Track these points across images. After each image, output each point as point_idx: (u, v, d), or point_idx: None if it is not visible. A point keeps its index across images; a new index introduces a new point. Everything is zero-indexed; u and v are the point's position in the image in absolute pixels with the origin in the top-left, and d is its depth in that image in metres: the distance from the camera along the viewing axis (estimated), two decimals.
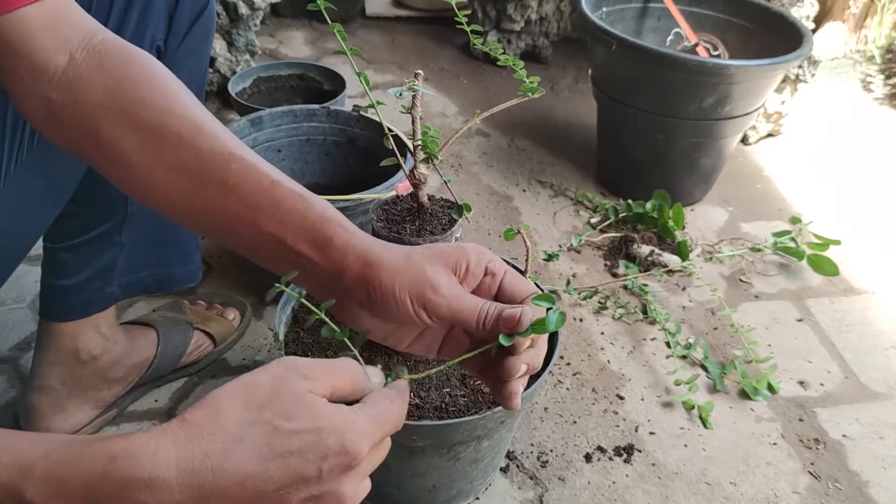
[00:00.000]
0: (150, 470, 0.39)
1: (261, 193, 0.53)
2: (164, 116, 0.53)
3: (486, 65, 2.20)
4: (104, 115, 0.53)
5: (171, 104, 0.54)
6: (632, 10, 1.72)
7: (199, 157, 0.53)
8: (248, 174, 0.53)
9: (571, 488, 1.00)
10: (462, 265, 0.54)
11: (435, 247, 0.55)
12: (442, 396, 0.81)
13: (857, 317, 1.36)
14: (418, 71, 0.74)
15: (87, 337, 0.97)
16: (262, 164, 0.54)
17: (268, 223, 0.53)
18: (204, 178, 0.53)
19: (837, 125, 2.00)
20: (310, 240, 0.53)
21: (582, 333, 1.27)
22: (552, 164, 1.75)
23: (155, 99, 0.54)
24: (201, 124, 0.54)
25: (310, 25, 2.38)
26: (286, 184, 0.54)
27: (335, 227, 0.53)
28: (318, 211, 0.53)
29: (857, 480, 1.04)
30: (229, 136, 0.55)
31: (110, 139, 0.54)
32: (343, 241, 0.53)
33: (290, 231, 0.53)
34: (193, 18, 0.81)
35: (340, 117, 1.35)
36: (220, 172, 0.53)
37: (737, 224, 1.60)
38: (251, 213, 0.53)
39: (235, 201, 0.53)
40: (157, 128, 0.53)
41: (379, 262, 0.52)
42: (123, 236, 0.93)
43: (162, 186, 0.55)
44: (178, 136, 0.53)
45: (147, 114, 0.53)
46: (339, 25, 0.68)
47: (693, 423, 1.12)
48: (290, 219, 0.53)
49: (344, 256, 0.53)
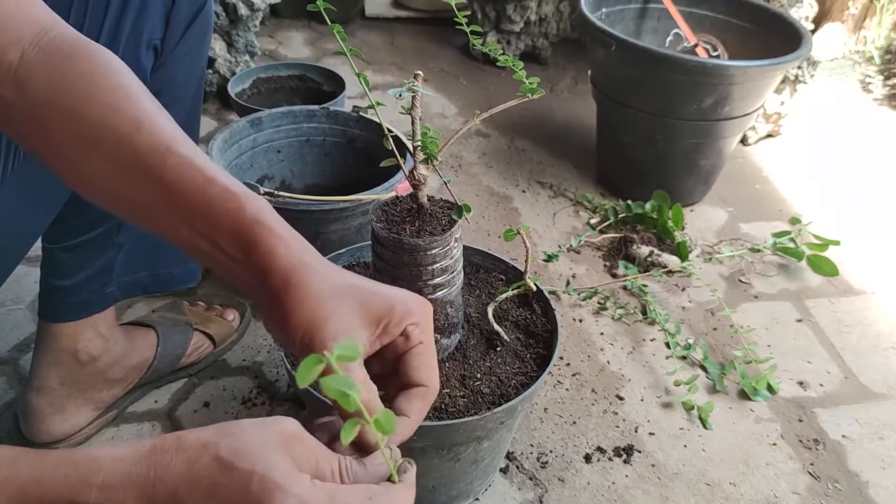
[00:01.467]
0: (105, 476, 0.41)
1: (194, 192, 0.51)
2: (105, 112, 0.52)
3: (485, 65, 2.20)
4: (49, 112, 0.53)
5: (113, 99, 0.53)
6: (631, 11, 1.72)
7: (137, 153, 0.52)
8: (183, 171, 0.51)
9: (571, 489, 1.00)
10: (383, 322, 0.50)
11: (368, 291, 0.51)
12: (441, 397, 0.81)
13: (857, 317, 1.36)
14: (418, 72, 0.74)
15: (86, 338, 0.97)
16: (199, 161, 0.52)
17: (200, 223, 0.51)
18: (141, 175, 0.52)
19: (837, 126, 2.00)
20: (238, 244, 0.51)
21: (581, 334, 1.27)
22: (552, 164, 1.75)
23: (98, 94, 0.53)
24: (141, 119, 0.53)
25: (309, 26, 2.38)
26: (221, 182, 0.51)
27: (264, 232, 0.50)
28: (250, 214, 0.51)
29: (856, 481, 1.04)
30: (170, 131, 0.53)
31: (54, 135, 0.53)
32: (268, 251, 0.50)
33: (221, 233, 0.51)
34: (191, 18, 0.81)
35: (340, 118, 1.35)
36: (156, 170, 0.51)
37: (736, 224, 1.60)
38: (186, 211, 0.51)
39: (170, 199, 0.52)
40: (97, 125, 0.52)
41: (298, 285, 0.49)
42: (122, 237, 0.93)
43: (102, 183, 0.54)
44: (116, 132, 0.52)
45: (88, 110, 0.52)
46: (338, 26, 0.68)
47: (693, 424, 1.12)
48: (222, 220, 0.51)
49: (267, 266, 0.50)
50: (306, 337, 0.48)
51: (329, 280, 0.50)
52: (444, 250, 0.77)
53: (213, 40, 1.79)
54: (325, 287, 0.49)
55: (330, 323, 0.48)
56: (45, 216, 0.83)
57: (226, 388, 1.12)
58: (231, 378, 1.14)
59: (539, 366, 0.86)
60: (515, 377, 0.85)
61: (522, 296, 0.95)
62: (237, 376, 1.14)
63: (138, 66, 0.78)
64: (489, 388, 0.83)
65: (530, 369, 0.86)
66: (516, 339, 0.90)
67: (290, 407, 1.10)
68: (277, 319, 0.50)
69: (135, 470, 0.42)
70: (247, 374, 1.15)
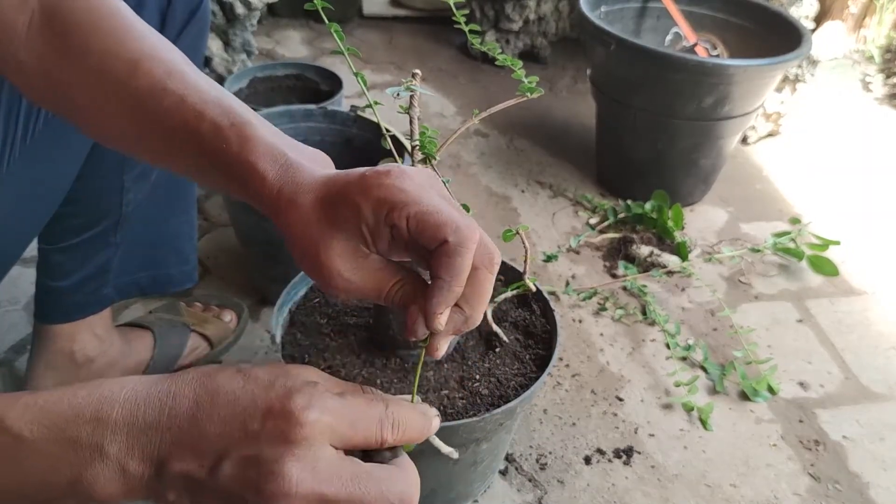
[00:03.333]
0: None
1: (188, 133, 0.51)
2: (104, 60, 0.53)
3: (484, 65, 2.20)
4: (59, 66, 0.54)
5: (109, 43, 0.53)
6: (630, 10, 1.72)
7: (137, 97, 0.53)
8: (178, 112, 0.52)
9: (571, 491, 1.00)
10: (362, 228, 0.47)
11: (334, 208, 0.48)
12: (440, 399, 0.80)
13: (858, 318, 1.35)
14: (416, 71, 0.74)
15: (82, 339, 0.96)
16: (190, 97, 0.52)
17: (200, 161, 0.52)
18: (143, 117, 0.53)
19: (837, 125, 2.00)
20: (236, 180, 0.51)
21: (581, 335, 1.26)
22: (551, 164, 1.74)
23: (97, 43, 0.53)
24: (138, 61, 0.53)
25: (307, 25, 2.37)
26: (208, 116, 0.51)
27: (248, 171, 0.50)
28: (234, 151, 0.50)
29: (857, 482, 1.04)
30: (166, 68, 0.53)
31: (67, 88, 0.54)
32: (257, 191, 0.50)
33: (217, 170, 0.51)
34: (187, 18, 0.81)
35: (337, 118, 1.34)
36: (157, 114, 0.52)
37: (736, 224, 1.59)
38: (187, 151, 0.52)
39: (172, 141, 0.53)
40: (98, 73, 0.53)
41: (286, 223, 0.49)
42: (118, 237, 0.92)
43: (114, 130, 0.56)
44: (116, 78, 0.53)
45: (91, 60, 0.53)
46: (336, 25, 0.67)
47: (693, 425, 1.11)
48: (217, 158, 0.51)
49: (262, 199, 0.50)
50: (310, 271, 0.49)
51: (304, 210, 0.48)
52: None
53: (210, 39, 1.78)
54: (302, 223, 0.48)
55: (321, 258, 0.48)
56: (41, 216, 0.82)
57: None
58: None
59: (538, 367, 0.86)
60: (514, 378, 0.84)
61: (521, 296, 0.95)
62: None
63: None
64: (488, 390, 0.82)
65: (529, 370, 0.85)
66: (515, 340, 0.89)
67: None
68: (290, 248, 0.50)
69: (156, 387, 0.43)
70: None
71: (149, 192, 0.93)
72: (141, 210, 0.93)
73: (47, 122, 0.72)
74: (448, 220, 0.46)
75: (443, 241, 0.46)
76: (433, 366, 0.84)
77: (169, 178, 0.96)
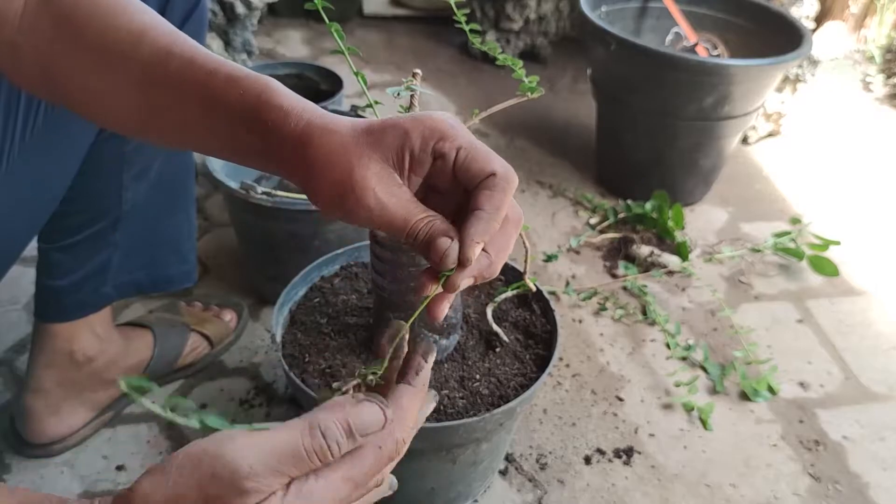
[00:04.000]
0: None
1: (199, 90, 0.51)
2: (105, 34, 0.52)
3: (484, 64, 2.19)
4: (57, 47, 0.53)
5: (110, 18, 0.53)
6: (631, 10, 1.71)
7: (143, 66, 0.52)
8: (186, 72, 0.51)
9: (571, 490, 1.00)
10: (406, 153, 0.47)
11: (378, 129, 0.48)
12: (440, 398, 0.80)
13: (858, 318, 1.35)
14: (416, 70, 0.74)
15: (82, 338, 0.96)
16: (200, 57, 0.51)
17: (213, 118, 0.51)
18: (150, 86, 0.52)
19: (837, 125, 2.00)
20: (253, 131, 0.50)
21: (581, 335, 1.26)
22: (551, 164, 1.74)
23: (96, 18, 0.53)
24: (142, 30, 0.52)
25: (307, 25, 2.37)
26: (223, 71, 0.51)
27: (271, 113, 0.49)
28: (254, 96, 0.49)
29: (857, 482, 1.04)
30: (168, 34, 0.53)
31: (66, 70, 0.54)
32: (280, 133, 0.49)
33: (233, 123, 0.50)
34: (185, 16, 0.81)
35: None
36: (163, 78, 0.51)
37: (737, 224, 1.59)
38: (198, 110, 0.51)
39: (182, 102, 0.52)
40: (100, 48, 0.53)
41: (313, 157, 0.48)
42: (118, 236, 0.92)
43: (119, 106, 0.54)
44: (119, 51, 0.52)
45: (90, 36, 0.53)
46: (336, 25, 0.67)
47: (693, 425, 1.11)
48: (232, 110, 0.50)
49: (283, 150, 0.49)
50: (339, 202, 0.47)
51: (340, 135, 0.48)
52: None
53: (211, 39, 1.78)
54: (335, 145, 0.47)
55: (353, 176, 0.46)
56: (41, 215, 0.82)
57: (223, 389, 1.12)
58: (228, 379, 1.13)
59: (538, 367, 0.86)
60: (514, 378, 0.84)
61: (522, 296, 0.95)
62: (234, 377, 1.14)
63: None
64: (488, 390, 0.82)
65: (529, 370, 0.85)
66: (515, 339, 0.89)
67: (287, 408, 1.09)
68: (313, 196, 0.49)
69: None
70: (244, 375, 1.14)
71: (148, 191, 0.93)
72: (140, 209, 0.93)
73: (46, 120, 0.72)
74: (496, 159, 0.48)
75: (490, 173, 0.47)
76: (433, 365, 0.84)
77: (168, 177, 0.96)
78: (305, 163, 0.48)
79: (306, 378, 0.81)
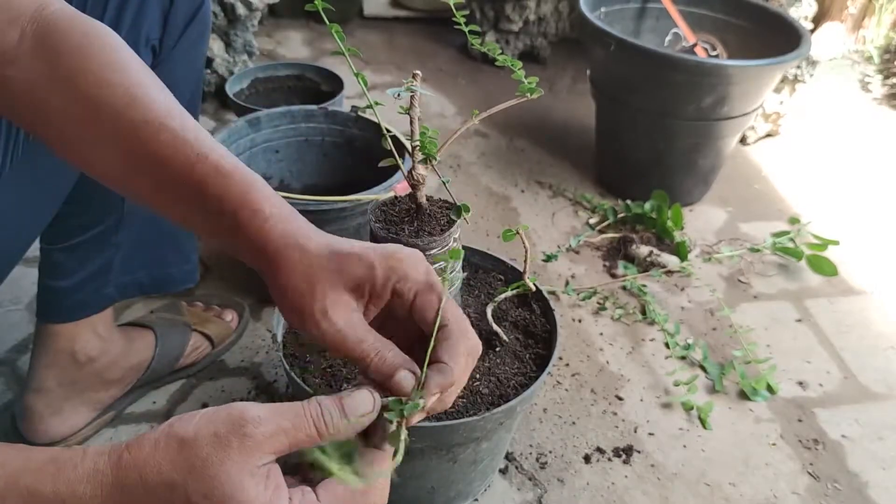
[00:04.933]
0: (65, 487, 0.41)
1: (185, 169, 0.51)
2: (99, 87, 0.52)
3: (484, 65, 2.20)
4: (47, 89, 0.53)
5: (107, 74, 0.53)
6: (630, 11, 1.72)
7: (133, 128, 0.52)
8: (176, 147, 0.51)
9: (570, 489, 1.00)
10: (367, 286, 0.50)
11: (349, 256, 0.50)
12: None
13: (857, 317, 1.35)
14: (416, 71, 0.74)
15: (84, 338, 0.96)
16: (191, 136, 0.52)
17: (192, 200, 0.52)
18: (136, 150, 0.52)
19: (836, 125, 2.00)
20: (228, 223, 0.51)
21: (581, 334, 1.27)
22: (551, 164, 1.75)
23: (92, 69, 0.53)
24: (135, 93, 0.53)
25: (307, 26, 2.38)
26: (211, 158, 0.51)
27: (249, 214, 0.51)
28: (237, 194, 0.51)
29: (856, 481, 1.04)
30: (166, 104, 0.53)
31: (52, 113, 0.53)
32: (254, 234, 0.51)
33: (210, 211, 0.51)
34: (188, 18, 0.81)
35: (338, 118, 1.35)
36: (150, 145, 0.52)
37: (735, 224, 1.60)
38: (179, 189, 0.52)
39: (164, 176, 0.52)
40: (92, 99, 0.52)
41: (283, 266, 0.50)
42: (120, 237, 0.93)
43: (99, 158, 0.54)
44: (112, 107, 0.52)
45: (84, 85, 0.52)
46: (336, 26, 0.68)
47: (692, 424, 1.11)
48: (209, 201, 0.51)
49: (254, 249, 0.51)
50: (296, 314, 0.50)
51: (313, 253, 0.50)
52: (443, 250, 0.77)
53: (212, 40, 1.78)
54: (305, 263, 0.50)
55: (313, 298, 0.49)
56: (43, 216, 0.83)
57: (224, 388, 1.12)
58: (229, 379, 1.14)
59: (538, 366, 0.86)
60: (514, 378, 0.84)
61: (521, 296, 0.95)
62: (235, 377, 1.14)
63: None
64: (488, 389, 0.82)
65: (529, 370, 0.86)
66: (515, 339, 0.90)
67: None
68: (275, 295, 0.52)
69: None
70: (245, 374, 1.14)
71: None
72: (142, 210, 0.93)
73: None
74: (449, 308, 0.51)
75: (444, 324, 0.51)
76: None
77: None
78: (273, 270, 0.50)
79: (307, 378, 0.82)
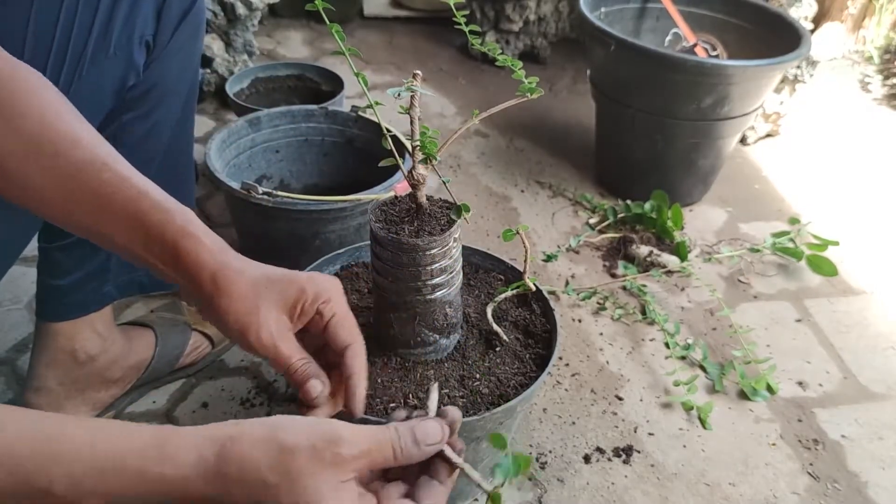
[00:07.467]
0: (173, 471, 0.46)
1: (127, 204, 0.57)
2: (42, 127, 0.56)
3: (484, 65, 2.20)
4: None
5: (50, 118, 0.57)
6: (630, 11, 1.72)
7: (75, 166, 0.56)
8: (117, 185, 0.57)
9: (570, 489, 1.00)
10: (298, 306, 0.59)
11: (282, 281, 0.59)
12: (440, 398, 0.80)
13: (856, 317, 1.35)
14: (416, 71, 0.74)
15: (83, 337, 0.96)
16: (133, 177, 0.58)
17: (133, 233, 0.57)
18: (78, 186, 0.56)
19: (836, 126, 2.00)
20: (168, 253, 0.57)
21: (581, 334, 1.27)
22: (551, 164, 1.75)
23: (34, 111, 0.57)
24: (78, 136, 0.57)
25: (308, 26, 2.38)
26: (152, 195, 0.57)
27: (191, 243, 0.57)
28: (178, 225, 0.57)
29: (855, 481, 1.04)
30: (106, 149, 0.58)
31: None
32: (194, 260, 0.57)
33: (151, 242, 0.57)
34: (182, 15, 0.81)
35: (339, 118, 1.35)
36: (92, 182, 0.56)
37: (735, 224, 1.60)
38: (120, 222, 0.57)
39: (106, 210, 0.57)
40: (35, 138, 0.56)
41: (225, 289, 0.57)
42: None
43: (38, 193, 0.58)
44: (54, 146, 0.56)
45: (27, 125, 0.56)
46: (337, 26, 0.68)
47: (692, 424, 1.11)
48: (151, 232, 0.57)
49: (195, 274, 0.57)
50: (240, 331, 0.58)
51: (250, 278, 0.58)
52: (443, 250, 0.77)
53: (212, 40, 1.78)
54: (246, 286, 0.58)
55: (258, 316, 0.58)
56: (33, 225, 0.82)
57: (224, 388, 1.12)
58: (229, 378, 1.14)
59: (538, 366, 0.86)
60: (514, 377, 0.84)
61: (521, 296, 0.95)
62: (235, 377, 1.14)
63: (130, 62, 0.78)
64: (488, 389, 0.83)
65: (529, 369, 0.86)
66: (515, 339, 0.90)
67: (288, 408, 1.09)
68: (213, 315, 0.58)
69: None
70: (245, 374, 1.15)
71: None
72: None
73: None
74: (358, 334, 0.62)
75: (350, 344, 0.61)
76: (434, 365, 0.85)
77: (167, 176, 0.96)
78: (216, 294, 0.57)
79: None
